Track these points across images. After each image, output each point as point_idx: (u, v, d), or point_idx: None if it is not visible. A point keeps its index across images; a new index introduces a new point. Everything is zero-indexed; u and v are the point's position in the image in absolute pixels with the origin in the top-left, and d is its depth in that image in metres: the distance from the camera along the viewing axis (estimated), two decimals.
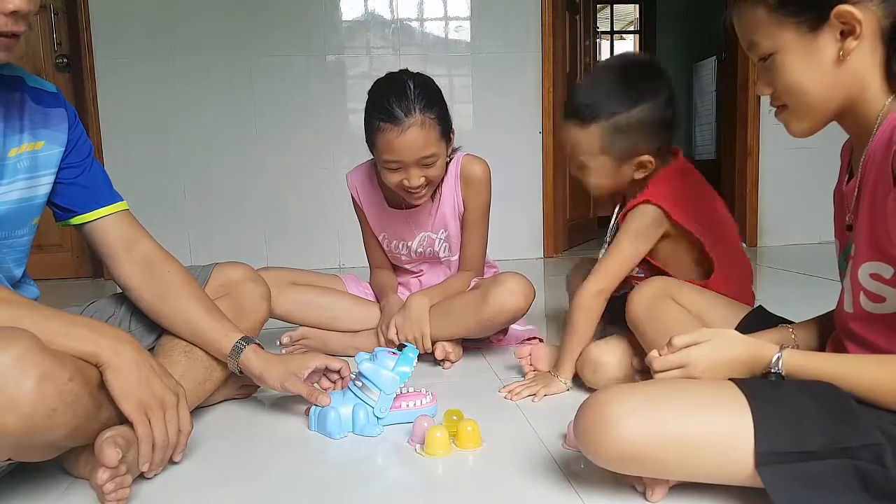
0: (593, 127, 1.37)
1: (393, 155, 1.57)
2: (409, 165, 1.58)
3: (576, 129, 1.40)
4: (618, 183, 1.45)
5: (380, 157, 1.60)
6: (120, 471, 0.98)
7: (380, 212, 1.83)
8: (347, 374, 1.36)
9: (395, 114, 1.54)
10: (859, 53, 0.88)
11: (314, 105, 3.45)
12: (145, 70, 3.34)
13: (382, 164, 1.61)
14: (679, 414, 0.90)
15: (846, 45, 0.87)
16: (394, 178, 1.61)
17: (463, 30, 3.53)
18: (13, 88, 1.11)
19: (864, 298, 0.94)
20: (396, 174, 1.60)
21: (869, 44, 0.87)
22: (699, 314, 1.33)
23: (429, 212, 1.79)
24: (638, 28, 6.79)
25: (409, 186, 1.60)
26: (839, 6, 0.86)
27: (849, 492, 0.83)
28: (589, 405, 0.94)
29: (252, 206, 3.48)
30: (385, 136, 1.56)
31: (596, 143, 1.39)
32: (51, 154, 1.15)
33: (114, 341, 1.04)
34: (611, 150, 1.39)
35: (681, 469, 0.92)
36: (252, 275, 1.46)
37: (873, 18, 0.86)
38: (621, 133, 1.37)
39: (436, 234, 1.82)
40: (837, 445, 0.84)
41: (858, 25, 0.86)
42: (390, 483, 1.14)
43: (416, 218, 1.81)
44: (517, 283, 1.64)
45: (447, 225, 1.80)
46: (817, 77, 0.91)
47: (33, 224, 1.17)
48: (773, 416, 0.87)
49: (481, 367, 1.72)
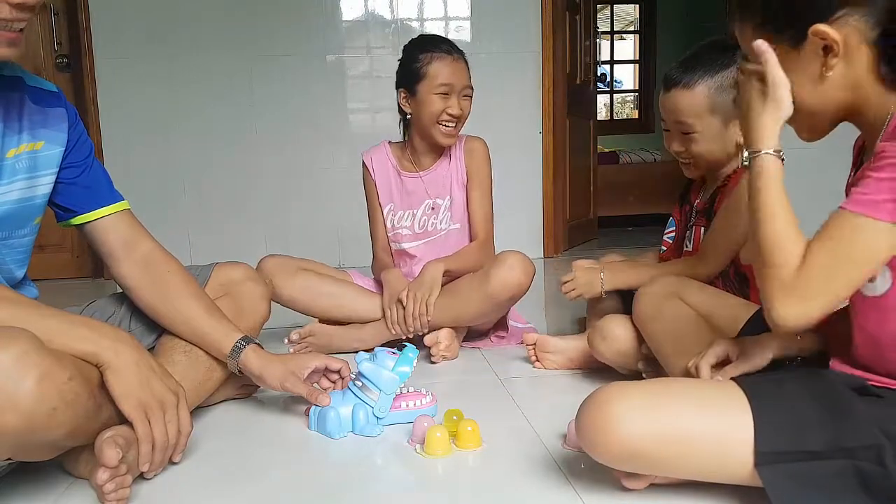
0: (699, 87, 1.41)
1: (446, 78, 1.78)
2: (456, 91, 1.79)
3: (681, 94, 1.43)
4: (724, 149, 1.46)
5: (431, 84, 1.78)
6: (120, 471, 0.98)
7: (393, 179, 1.94)
8: (347, 375, 1.36)
9: (449, 49, 1.82)
10: (851, 64, 0.88)
11: (314, 105, 3.45)
12: (145, 70, 3.33)
13: (433, 90, 1.78)
14: (680, 412, 0.90)
15: (828, 61, 0.88)
16: (439, 106, 1.78)
17: (463, 30, 3.53)
18: (13, 89, 1.10)
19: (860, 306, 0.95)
20: (442, 101, 1.78)
21: (859, 54, 0.87)
22: (707, 314, 1.33)
23: (439, 175, 1.91)
24: (638, 28, 6.78)
25: (452, 114, 1.79)
26: (815, 25, 0.86)
27: (849, 492, 0.84)
28: (590, 403, 0.94)
29: (252, 206, 3.48)
30: (440, 62, 1.79)
31: (704, 103, 1.42)
32: (51, 154, 1.15)
33: (114, 341, 1.04)
34: (718, 108, 1.41)
35: (681, 467, 0.92)
36: (252, 275, 1.46)
37: (854, 32, 0.86)
38: (725, 92, 1.40)
39: (441, 200, 1.91)
40: (838, 445, 0.84)
41: (836, 45, 0.86)
42: (390, 483, 1.14)
43: (427, 181, 1.91)
44: (516, 259, 1.71)
45: (452, 190, 1.91)
46: (808, 90, 0.91)
47: (34, 224, 1.17)
48: (773, 416, 0.87)
49: (481, 367, 1.72)
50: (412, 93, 1.82)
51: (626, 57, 7.07)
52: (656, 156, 5.66)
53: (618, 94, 7.31)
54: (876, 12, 0.85)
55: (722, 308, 1.34)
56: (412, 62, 1.81)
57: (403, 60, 1.85)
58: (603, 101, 6.86)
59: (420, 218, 1.92)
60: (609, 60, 6.90)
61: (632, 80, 7.03)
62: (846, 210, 0.83)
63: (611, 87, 6.98)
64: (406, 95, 1.84)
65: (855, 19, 0.85)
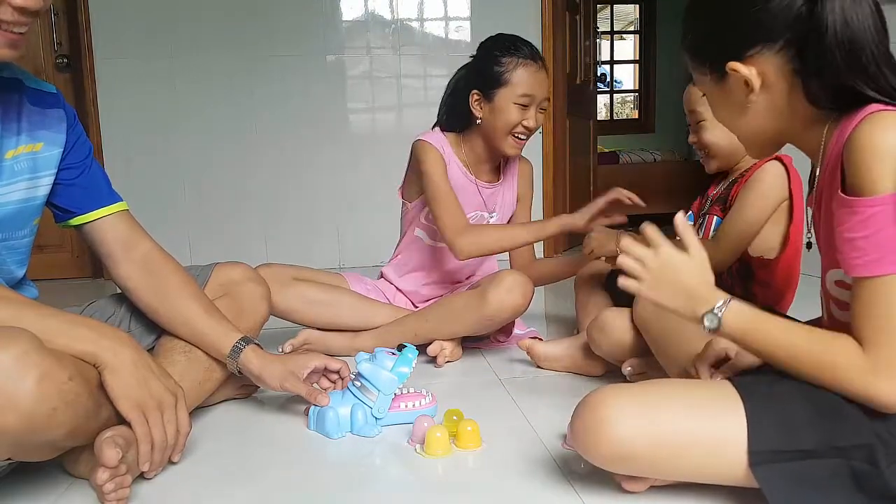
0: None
1: (530, 89, 1.71)
2: (536, 102, 1.73)
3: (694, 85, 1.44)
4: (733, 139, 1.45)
5: (513, 92, 1.70)
6: (120, 471, 0.98)
7: (456, 179, 1.82)
8: (347, 375, 1.36)
9: (536, 57, 1.74)
10: (772, 95, 0.91)
11: (314, 105, 3.45)
12: (145, 70, 3.33)
13: (514, 99, 1.71)
14: (673, 414, 0.90)
15: (749, 96, 0.92)
16: (517, 117, 1.72)
17: (463, 30, 3.53)
18: (12, 90, 1.10)
19: (833, 308, 0.96)
20: (520, 112, 1.72)
21: (780, 85, 0.90)
22: None
23: (497, 192, 1.89)
24: (638, 28, 6.78)
25: (528, 126, 1.74)
26: (730, 63, 0.91)
27: (842, 491, 0.84)
28: (584, 405, 0.95)
29: (252, 206, 3.48)
30: (527, 69, 1.71)
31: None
32: (50, 155, 1.15)
33: (113, 342, 1.04)
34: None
35: (675, 469, 0.93)
36: (252, 275, 1.46)
37: (771, 66, 0.89)
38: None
39: (489, 215, 1.88)
40: (831, 444, 0.85)
41: (749, 81, 0.90)
42: (390, 483, 1.14)
43: (486, 195, 1.87)
44: (515, 281, 1.65)
45: (502, 212, 1.90)
46: (737, 119, 0.97)
47: (34, 225, 1.17)
48: (766, 416, 0.87)
49: (481, 367, 1.72)
50: (488, 97, 1.72)
51: (626, 57, 7.07)
52: (656, 156, 5.66)
53: (618, 94, 7.30)
54: (789, 47, 0.88)
55: None
56: (493, 64, 1.71)
57: (481, 60, 1.75)
58: (603, 101, 6.86)
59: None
60: (609, 60, 6.90)
61: (632, 80, 7.02)
62: (860, 278, 0.83)
63: (611, 87, 6.98)
64: (480, 99, 1.74)
65: (770, 54, 0.89)
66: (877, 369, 0.82)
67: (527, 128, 1.74)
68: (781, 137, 0.98)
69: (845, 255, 0.84)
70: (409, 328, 1.76)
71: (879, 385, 0.83)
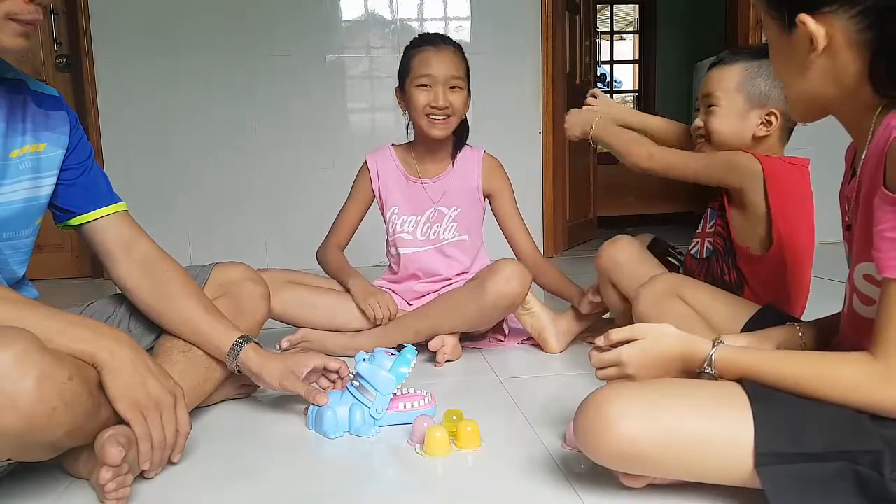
0: (736, 66, 1.46)
1: (427, 69, 1.74)
2: (439, 83, 1.73)
3: (718, 70, 1.49)
4: (739, 132, 1.48)
5: (414, 77, 1.76)
6: (122, 470, 0.98)
7: (397, 183, 1.89)
8: (346, 375, 1.36)
9: (434, 41, 1.79)
10: (835, 61, 0.87)
11: (314, 105, 3.45)
12: (145, 70, 3.33)
13: (415, 84, 1.75)
14: (679, 413, 0.90)
15: (810, 55, 0.88)
16: (423, 99, 1.74)
17: (463, 30, 3.53)
18: (17, 91, 1.11)
19: (856, 301, 0.95)
20: (426, 94, 1.74)
21: (845, 53, 0.86)
22: (705, 312, 1.33)
23: (447, 183, 1.87)
24: (638, 28, 6.79)
25: (436, 106, 1.73)
26: (801, 14, 0.86)
27: (846, 495, 0.83)
28: (587, 404, 0.94)
29: (252, 206, 3.48)
30: (422, 55, 1.76)
31: (734, 79, 1.46)
32: (53, 156, 1.16)
33: (111, 342, 1.04)
34: (746, 89, 1.45)
35: (680, 468, 0.92)
36: (251, 274, 1.46)
37: (841, 31, 0.85)
38: (758, 77, 1.44)
39: (447, 209, 1.87)
40: (838, 449, 0.84)
41: (816, 38, 0.85)
42: (390, 483, 1.14)
43: (433, 188, 1.88)
44: (512, 269, 1.68)
45: (461, 202, 1.88)
46: (794, 75, 0.92)
47: (37, 224, 1.18)
48: (774, 417, 0.87)
49: (481, 368, 1.72)
50: (403, 91, 1.81)
51: (626, 57, 7.07)
52: None
53: (618, 94, 7.30)
54: (867, 14, 0.83)
55: (721, 307, 1.35)
56: (405, 55, 1.81)
57: (404, 53, 1.84)
58: None
59: (423, 224, 1.89)
60: (609, 60, 6.90)
61: (632, 81, 7.03)
62: (890, 279, 0.82)
63: (611, 87, 6.98)
64: (400, 95, 1.84)
65: (845, 18, 0.84)
66: (890, 376, 0.81)
67: (434, 107, 1.74)
68: (830, 108, 0.94)
69: (882, 252, 0.82)
70: (409, 326, 1.76)
71: (890, 392, 0.82)
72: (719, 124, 1.48)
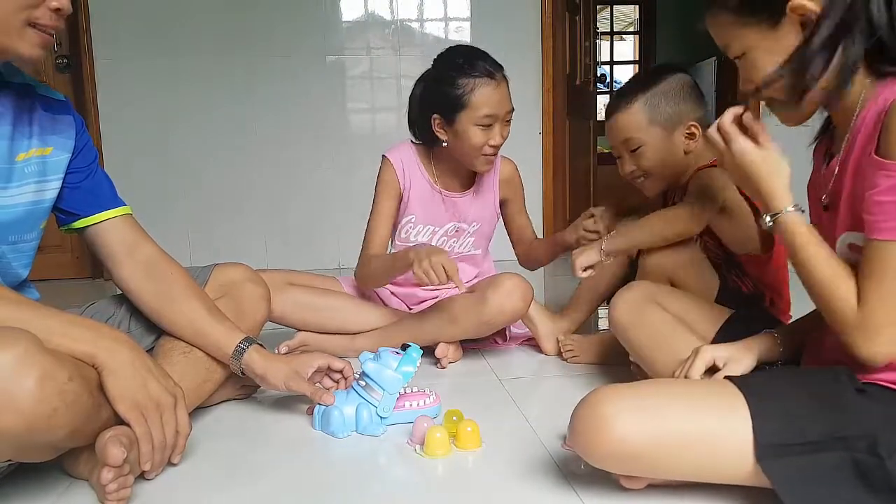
0: (636, 105, 1.49)
1: (491, 108, 1.62)
2: (499, 120, 1.65)
3: (621, 116, 1.50)
4: (673, 155, 1.50)
5: (474, 114, 1.63)
6: (123, 470, 0.98)
7: (421, 193, 1.80)
8: (350, 375, 1.36)
9: (492, 73, 1.63)
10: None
11: (314, 105, 3.45)
12: (145, 70, 3.33)
13: (477, 121, 1.63)
14: (673, 412, 0.90)
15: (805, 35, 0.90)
16: (482, 138, 1.65)
17: (463, 30, 3.53)
18: (24, 96, 1.12)
19: None
20: (485, 133, 1.64)
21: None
22: (683, 318, 1.33)
23: (470, 201, 1.84)
24: (638, 29, 6.79)
25: (495, 145, 1.67)
26: (793, 0, 0.89)
27: (847, 483, 0.84)
28: (583, 405, 0.95)
29: (252, 206, 3.48)
30: (485, 90, 1.62)
31: (644, 116, 1.48)
32: (59, 160, 1.16)
33: (111, 342, 1.04)
34: (657, 117, 1.47)
35: (677, 467, 0.92)
36: (252, 275, 1.46)
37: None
38: (661, 99, 1.47)
39: (468, 226, 1.85)
40: (834, 435, 0.85)
41: (815, 15, 0.88)
42: (390, 484, 1.14)
43: (457, 205, 1.83)
44: (514, 284, 1.65)
45: (481, 217, 1.86)
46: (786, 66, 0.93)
47: (41, 228, 1.18)
48: (769, 409, 0.88)
49: (481, 368, 1.72)
50: (449, 122, 1.66)
51: (626, 58, 7.07)
52: None
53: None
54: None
55: (697, 313, 1.35)
56: (450, 87, 1.62)
57: (437, 81, 1.67)
58: (603, 101, 6.84)
59: (440, 237, 1.84)
60: (609, 61, 6.90)
61: None
62: (879, 241, 0.85)
63: (611, 87, 6.98)
64: (441, 122, 1.68)
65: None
66: (864, 327, 0.86)
67: (493, 146, 1.67)
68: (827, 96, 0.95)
69: (873, 216, 0.85)
70: (408, 331, 1.75)
71: (860, 342, 0.87)
72: (653, 160, 1.51)
